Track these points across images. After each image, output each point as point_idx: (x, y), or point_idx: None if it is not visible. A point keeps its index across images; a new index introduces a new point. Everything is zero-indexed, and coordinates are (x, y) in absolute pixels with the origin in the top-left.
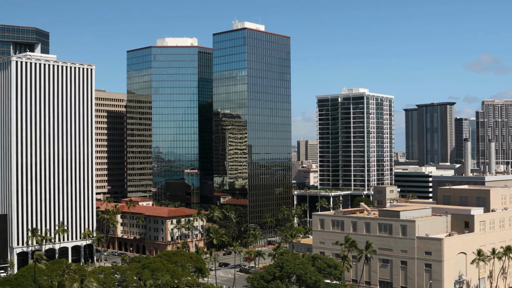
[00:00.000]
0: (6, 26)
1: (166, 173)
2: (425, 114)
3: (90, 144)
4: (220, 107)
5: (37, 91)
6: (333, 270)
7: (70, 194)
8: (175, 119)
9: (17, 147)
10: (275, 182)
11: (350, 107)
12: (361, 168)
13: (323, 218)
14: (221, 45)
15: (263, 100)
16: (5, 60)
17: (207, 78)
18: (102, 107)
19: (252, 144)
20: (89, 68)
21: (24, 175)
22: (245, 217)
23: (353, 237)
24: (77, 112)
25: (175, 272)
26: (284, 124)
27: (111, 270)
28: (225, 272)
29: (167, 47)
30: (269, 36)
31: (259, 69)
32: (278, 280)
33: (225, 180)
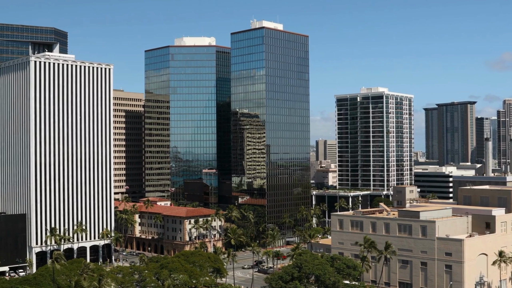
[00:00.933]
0: (25, 26)
1: (184, 173)
2: (446, 114)
3: (108, 144)
4: (238, 107)
5: (55, 91)
6: (352, 271)
7: (88, 194)
8: (193, 119)
9: (36, 147)
10: (293, 182)
11: (369, 106)
12: (381, 168)
13: (342, 219)
14: (239, 44)
15: (282, 100)
16: (24, 60)
17: (225, 77)
18: (120, 107)
19: (271, 144)
20: (107, 68)
21: (42, 175)
22: (263, 217)
23: (372, 237)
24: (95, 112)
25: (193, 272)
26: (302, 124)
27: (129, 270)
28: (243, 272)
29: (185, 46)
30: (287, 35)
31: (277, 68)
32: (296, 280)
33: (243, 180)
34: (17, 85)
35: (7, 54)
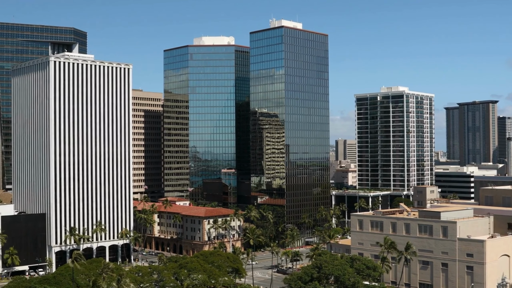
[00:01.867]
0: (45, 27)
1: (203, 173)
2: (467, 113)
3: (128, 143)
4: (258, 106)
5: (75, 91)
6: (372, 272)
7: (107, 194)
8: (212, 119)
9: (55, 146)
10: (313, 182)
11: (389, 105)
12: (401, 168)
13: (361, 219)
14: (258, 44)
15: (301, 99)
16: (44, 60)
17: (244, 77)
18: (139, 107)
19: (290, 144)
20: (126, 67)
21: (62, 175)
22: (283, 217)
23: (393, 238)
24: (114, 111)
25: (212, 272)
26: (322, 123)
27: (148, 269)
28: (262, 272)
29: (204, 46)
30: (307, 34)
31: (296, 67)
32: (316, 281)
33: (262, 180)
34: (37, 85)
35: (27, 54)
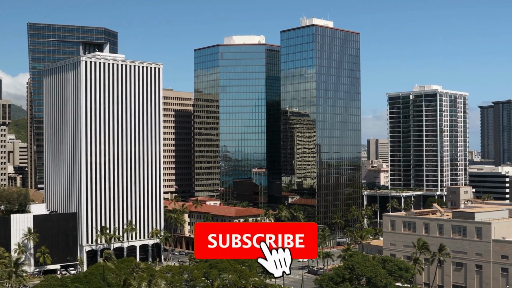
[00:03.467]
0: (76, 27)
1: (233, 172)
2: (502, 112)
3: (158, 143)
4: (288, 106)
5: (106, 90)
6: (404, 273)
7: (138, 193)
8: (243, 118)
9: (86, 146)
10: (344, 182)
11: (422, 104)
12: (434, 167)
13: (394, 219)
14: (289, 43)
15: (332, 98)
16: (75, 60)
17: (274, 76)
18: (170, 106)
19: (321, 143)
20: (156, 67)
21: (93, 174)
22: (314, 217)
23: (425, 239)
24: (145, 111)
25: (242, 272)
26: (353, 123)
27: (178, 269)
28: (293, 273)
29: (234, 45)
30: (338, 33)
31: (327, 66)
32: (347, 282)
33: (293, 180)
34: (68, 85)
35: (58, 54)
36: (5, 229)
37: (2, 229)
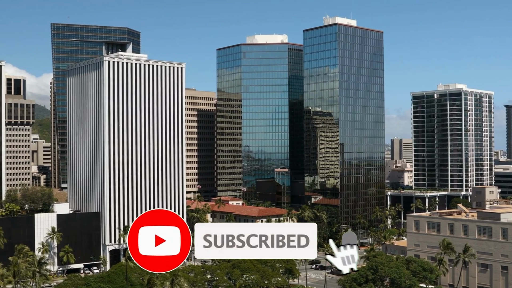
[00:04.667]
0: (99, 27)
1: (256, 172)
2: None
3: (181, 142)
4: (311, 105)
5: (129, 90)
6: (428, 274)
7: (161, 193)
8: (265, 118)
9: (109, 146)
10: (367, 182)
11: (446, 103)
12: (459, 167)
13: (418, 220)
14: (311, 42)
15: (355, 98)
16: (98, 60)
17: (297, 75)
18: (192, 106)
19: (344, 143)
20: (179, 66)
21: (116, 174)
22: (337, 217)
23: (450, 239)
24: (167, 111)
25: (265, 273)
26: (377, 122)
27: (201, 269)
28: (316, 273)
29: (257, 44)
30: (361, 31)
31: (351, 65)
32: (371, 283)
33: (316, 180)
34: (91, 85)
35: (81, 54)
36: (29, 228)
37: (27, 228)
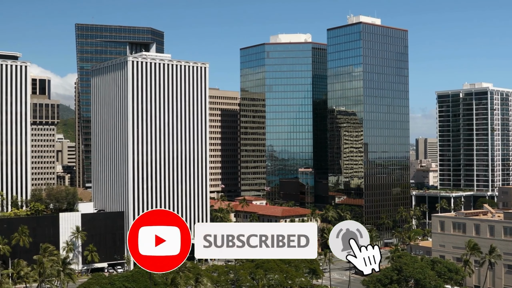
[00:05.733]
0: (123, 27)
1: (279, 172)
2: None
3: (204, 142)
4: (335, 104)
5: (152, 90)
6: (454, 275)
7: (184, 192)
8: (289, 117)
9: (133, 146)
10: (392, 182)
11: (472, 102)
12: (485, 167)
13: (443, 220)
14: (335, 41)
15: (380, 97)
16: (122, 60)
17: (321, 74)
18: (216, 106)
19: (368, 142)
20: (202, 66)
21: (140, 174)
22: (361, 217)
23: (476, 240)
24: (191, 110)
25: (288, 273)
26: (401, 122)
27: (224, 269)
28: (340, 274)
29: (280, 43)
30: (386, 30)
31: (375, 64)
32: (395, 283)
33: (340, 179)
34: (115, 85)
35: (106, 54)
36: (54, 227)
37: (51, 227)
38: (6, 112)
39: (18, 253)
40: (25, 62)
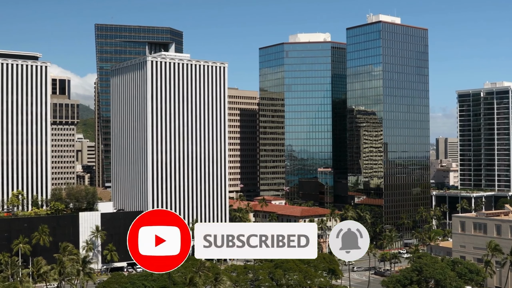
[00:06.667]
0: (142, 27)
1: (299, 172)
2: None
3: (224, 142)
4: (355, 104)
5: (172, 90)
6: (475, 276)
7: (203, 192)
8: (308, 117)
9: (153, 145)
10: (412, 182)
11: (493, 102)
12: (506, 167)
13: (464, 220)
14: (355, 40)
15: (400, 96)
16: (141, 60)
17: (340, 74)
18: (235, 105)
19: (388, 142)
20: (221, 66)
21: (159, 173)
22: (381, 218)
23: (497, 241)
24: (210, 110)
25: (307, 273)
26: (422, 121)
27: (243, 269)
28: (359, 274)
29: (299, 43)
30: (405, 29)
31: (395, 63)
32: (415, 284)
33: (359, 179)
34: (135, 85)
35: (125, 54)
36: (73, 226)
37: (71, 226)
38: (26, 112)
39: (39, 252)
40: (45, 63)
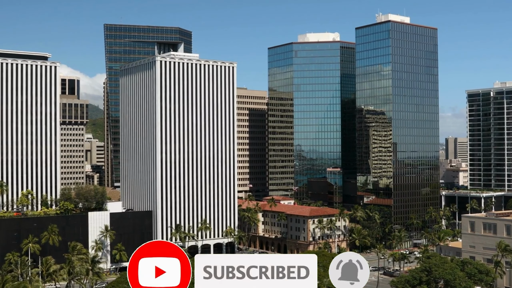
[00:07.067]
0: (151, 27)
1: (307, 172)
2: None
3: (232, 142)
4: (364, 104)
5: (180, 89)
6: (484, 277)
7: (212, 192)
8: (317, 117)
9: (161, 145)
10: (421, 182)
11: (503, 101)
12: None
13: (473, 221)
14: (364, 39)
15: (409, 96)
16: (150, 60)
17: (349, 73)
18: (244, 105)
19: (397, 142)
20: (230, 66)
21: (168, 173)
22: (390, 218)
23: (507, 241)
24: (219, 110)
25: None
26: (431, 121)
27: None
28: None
29: (308, 43)
30: (415, 28)
31: (404, 63)
32: (424, 284)
33: (368, 179)
34: (144, 85)
35: (134, 54)
36: (83, 226)
37: (80, 226)
38: (36, 112)
39: (48, 251)
40: (55, 63)
